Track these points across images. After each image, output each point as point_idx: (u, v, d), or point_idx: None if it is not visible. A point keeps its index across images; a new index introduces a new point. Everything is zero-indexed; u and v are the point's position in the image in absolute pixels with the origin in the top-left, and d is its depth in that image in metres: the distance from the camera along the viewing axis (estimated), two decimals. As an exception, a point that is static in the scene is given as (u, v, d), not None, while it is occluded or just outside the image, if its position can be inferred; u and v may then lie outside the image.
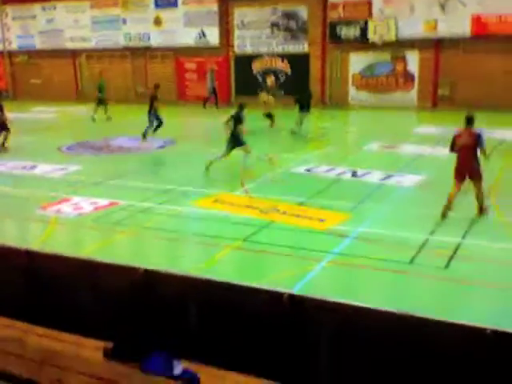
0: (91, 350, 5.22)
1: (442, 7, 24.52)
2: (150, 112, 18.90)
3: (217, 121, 24.51)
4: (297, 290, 7.26)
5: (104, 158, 17.21)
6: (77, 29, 33.15)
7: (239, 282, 5.29)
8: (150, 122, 18.89)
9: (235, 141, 13.83)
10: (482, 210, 10.24)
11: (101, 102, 24.63)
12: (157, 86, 19.38)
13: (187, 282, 5.45)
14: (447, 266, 8.12)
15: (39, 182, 14.07)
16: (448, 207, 10.14)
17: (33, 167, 15.56)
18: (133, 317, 5.55)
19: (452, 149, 10.48)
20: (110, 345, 4.97)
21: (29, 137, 18.23)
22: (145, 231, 10.17)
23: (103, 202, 11.89)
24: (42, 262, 6.17)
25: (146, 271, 5.50)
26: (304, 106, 19.71)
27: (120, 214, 11.13)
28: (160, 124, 19.12)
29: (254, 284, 5.38)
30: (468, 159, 10.12)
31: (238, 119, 13.74)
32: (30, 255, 6.21)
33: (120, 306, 5.66)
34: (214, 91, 28.05)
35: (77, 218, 10.95)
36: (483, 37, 23.92)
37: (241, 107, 14.00)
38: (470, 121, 10.40)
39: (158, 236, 9.95)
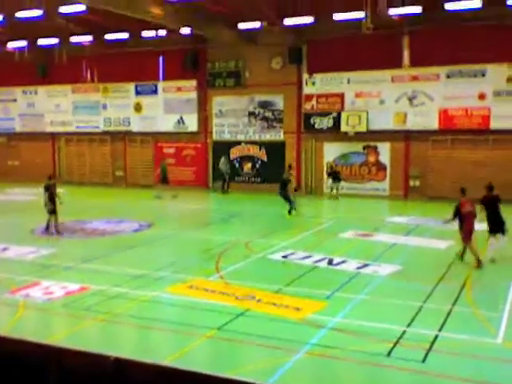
0: None
1: (411, 101, 25.63)
2: (283, 192, 21.04)
3: (194, 205, 24.87)
4: (272, 381, 7.08)
5: (78, 241, 17.01)
6: (57, 113, 33.65)
7: (213, 373, 5.14)
8: (290, 200, 20.97)
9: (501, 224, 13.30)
10: (479, 262, 12.82)
11: (164, 180, 27.63)
12: (290, 168, 23.34)
13: (159, 371, 5.29)
14: (424, 359, 8.03)
15: (10, 264, 13.79)
16: (478, 257, 12.90)
17: (4, 249, 15.29)
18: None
19: (456, 216, 13.14)
20: None
21: (2, 219, 18.05)
22: (116, 318, 9.91)
23: (74, 286, 11.66)
24: (9, 347, 5.95)
25: (117, 360, 5.34)
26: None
27: (91, 299, 10.89)
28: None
29: (229, 375, 5.24)
30: (473, 223, 13.00)
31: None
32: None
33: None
34: (225, 176, 28.59)
35: (47, 303, 10.68)
36: (450, 130, 24.91)
37: (490, 188, 13.56)
38: (464, 191, 13.43)
39: (130, 323, 9.70)
